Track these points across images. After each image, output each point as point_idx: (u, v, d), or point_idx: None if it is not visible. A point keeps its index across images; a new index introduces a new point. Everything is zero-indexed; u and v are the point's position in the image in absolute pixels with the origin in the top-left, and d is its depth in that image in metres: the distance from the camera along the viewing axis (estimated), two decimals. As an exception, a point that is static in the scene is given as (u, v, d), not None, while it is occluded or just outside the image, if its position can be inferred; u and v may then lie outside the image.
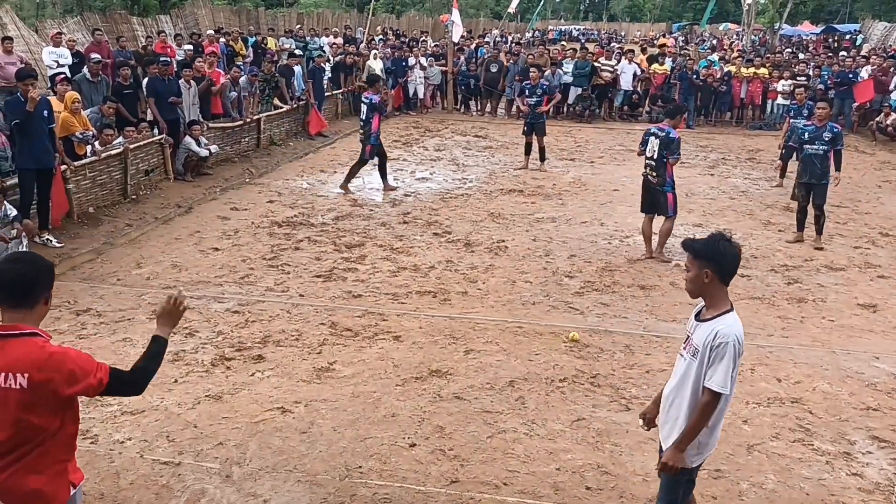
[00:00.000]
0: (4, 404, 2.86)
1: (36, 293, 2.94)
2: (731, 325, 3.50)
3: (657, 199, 9.19)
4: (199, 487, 4.62)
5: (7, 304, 2.92)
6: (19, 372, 2.84)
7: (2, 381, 2.85)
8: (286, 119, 16.03)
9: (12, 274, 2.90)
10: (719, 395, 3.48)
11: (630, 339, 6.92)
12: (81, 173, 10.05)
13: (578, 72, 19.86)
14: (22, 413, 2.86)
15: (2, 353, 2.87)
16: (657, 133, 9.02)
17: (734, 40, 38.34)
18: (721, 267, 3.53)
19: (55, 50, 14.47)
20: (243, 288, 7.91)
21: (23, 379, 2.84)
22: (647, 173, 9.19)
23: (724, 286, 3.58)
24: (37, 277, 2.95)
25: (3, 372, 2.85)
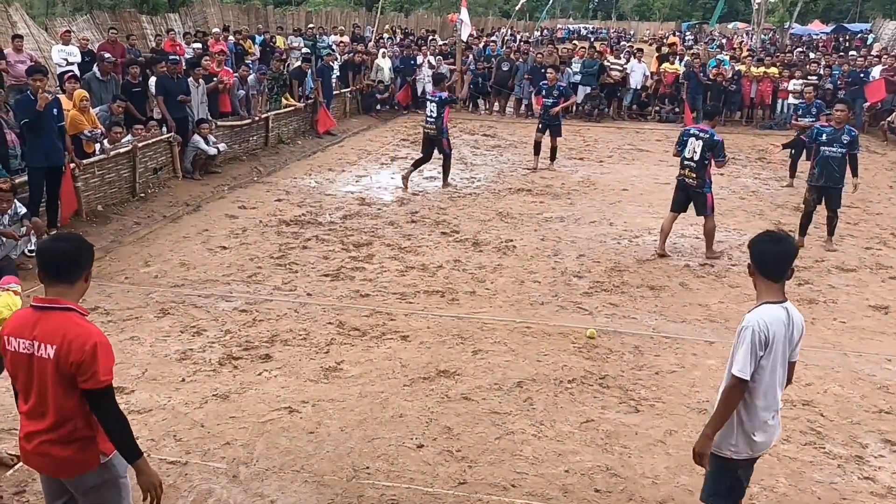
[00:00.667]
0: (40, 373, 3.12)
1: (77, 271, 3.19)
2: (756, 313, 3.57)
3: (695, 200, 9.08)
4: (205, 487, 4.61)
5: (50, 279, 3.15)
6: (49, 343, 3.08)
7: (35, 350, 3.11)
8: (294, 117, 16.02)
9: (57, 252, 3.16)
10: (742, 381, 3.52)
11: (639, 339, 6.88)
12: (90, 171, 10.06)
13: (586, 70, 19.81)
14: (52, 383, 3.10)
15: (40, 323, 3.12)
16: (699, 134, 8.88)
17: (744, 39, 38.17)
18: (756, 262, 3.65)
19: (64, 48, 14.51)
20: (251, 287, 7.90)
21: (51, 350, 3.08)
22: (685, 175, 9.02)
23: (767, 280, 3.64)
24: (79, 256, 3.21)
25: (38, 341, 3.10)
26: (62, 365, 3.07)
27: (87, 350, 3.06)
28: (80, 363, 3.06)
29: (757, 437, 3.68)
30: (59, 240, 3.25)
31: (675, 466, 4.97)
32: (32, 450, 3.24)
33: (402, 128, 18.30)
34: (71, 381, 3.10)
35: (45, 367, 3.10)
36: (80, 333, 3.09)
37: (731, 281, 8.45)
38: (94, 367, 3.07)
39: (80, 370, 3.06)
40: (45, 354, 3.09)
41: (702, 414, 5.63)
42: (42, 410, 3.17)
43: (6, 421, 5.26)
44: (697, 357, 6.58)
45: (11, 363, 3.21)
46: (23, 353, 3.15)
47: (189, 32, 20.09)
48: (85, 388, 3.11)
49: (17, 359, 3.18)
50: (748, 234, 10.17)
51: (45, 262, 3.16)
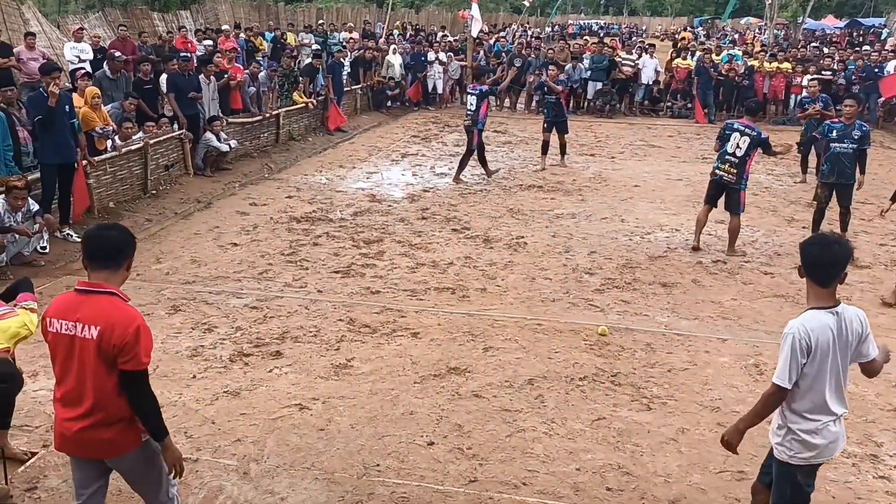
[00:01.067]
0: (82, 354, 3.25)
1: (122, 258, 3.37)
2: (800, 319, 3.55)
3: (729, 196, 8.99)
4: (216, 484, 4.61)
5: (96, 265, 3.34)
6: (93, 324, 3.22)
7: (79, 332, 3.24)
8: (305, 114, 16.02)
9: (104, 239, 3.35)
10: (780, 388, 3.51)
11: (651, 337, 6.84)
12: (102, 168, 10.09)
13: (596, 66, 19.73)
14: (93, 363, 3.24)
15: (84, 306, 3.27)
16: (744, 130, 8.76)
17: (756, 34, 37.92)
18: (806, 266, 3.59)
19: (77, 45, 14.55)
20: (262, 283, 7.90)
21: (94, 331, 3.22)
22: (724, 170, 8.88)
23: (815, 285, 3.58)
24: (124, 244, 3.39)
25: (81, 323, 3.24)
26: (105, 346, 3.21)
27: (130, 332, 3.21)
28: (122, 345, 3.20)
29: (815, 439, 3.60)
30: (106, 228, 3.43)
31: (687, 465, 4.94)
32: (74, 436, 3.34)
33: (413, 124, 18.28)
34: (112, 362, 3.24)
35: (87, 347, 3.24)
36: (124, 316, 3.25)
37: (745, 278, 8.39)
38: (137, 349, 3.22)
39: (123, 352, 3.21)
40: (89, 335, 3.23)
41: (715, 412, 5.59)
42: (80, 394, 3.29)
43: (18, 417, 5.27)
44: (710, 354, 6.53)
45: (53, 344, 3.35)
46: (65, 334, 3.27)
47: (200, 29, 20.12)
48: (125, 370, 3.24)
49: (58, 340, 3.31)
50: (761, 230, 10.12)
51: (92, 249, 3.34)
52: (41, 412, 5.35)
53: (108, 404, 3.30)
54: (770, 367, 6.27)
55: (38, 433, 5.10)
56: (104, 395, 3.28)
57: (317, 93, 16.44)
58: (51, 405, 5.41)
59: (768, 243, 9.65)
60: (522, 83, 20.37)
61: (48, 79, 8.67)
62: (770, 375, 6.09)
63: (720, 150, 9.00)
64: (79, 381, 3.29)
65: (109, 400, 3.29)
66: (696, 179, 12.98)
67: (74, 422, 3.32)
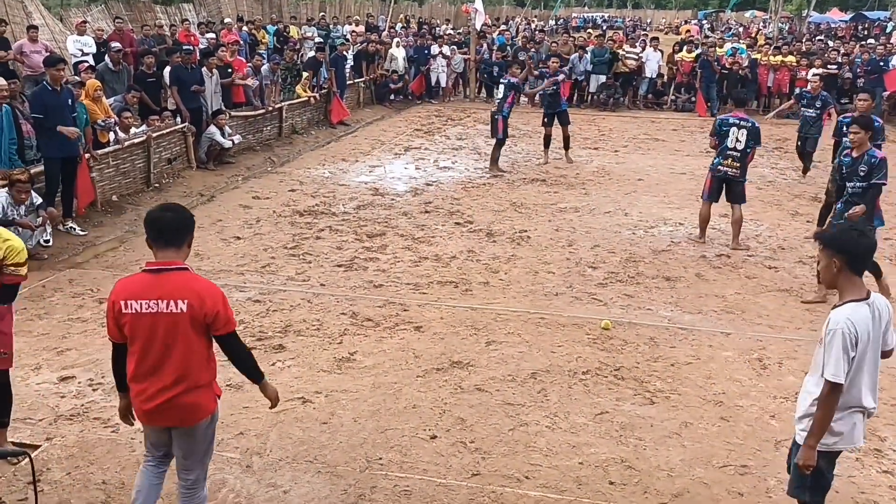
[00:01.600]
0: (168, 328, 3.47)
1: (183, 237, 3.59)
2: (844, 313, 3.51)
3: (734, 190, 9.01)
4: (219, 477, 4.61)
5: (161, 245, 3.55)
6: (180, 298, 3.45)
7: (165, 307, 3.45)
8: (308, 108, 16.00)
9: (165, 221, 3.57)
10: (837, 386, 3.48)
11: (654, 331, 6.82)
12: (105, 161, 10.09)
13: (597, 59, 19.66)
14: (186, 334, 3.49)
15: (162, 284, 3.48)
16: (741, 123, 8.80)
17: (760, 27, 37.77)
18: (851, 257, 3.55)
19: (79, 38, 14.53)
20: (265, 277, 7.90)
21: (183, 304, 3.46)
22: (728, 165, 8.88)
23: (855, 276, 3.58)
24: (185, 224, 3.61)
25: (165, 299, 3.45)
26: (197, 316, 3.48)
27: (218, 301, 3.52)
28: (215, 313, 3.50)
29: (838, 426, 3.63)
30: (165, 210, 3.65)
31: (690, 459, 4.93)
32: (156, 407, 3.56)
33: (416, 117, 18.24)
34: (204, 329, 3.53)
35: (176, 320, 3.47)
36: (207, 287, 3.55)
37: (748, 272, 8.37)
38: (227, 314, 3.56)
39: (216, 320, 3.52)
40: (178, 309, 3.45)
41: (718, 406, 5.58)
42: (164, 366, 3.51)
43: (21, 410, 5.28)
44: (713, 349, 6.52)
45: (130, 326, 3.50)
46: (146, 313, 3.46)
47: (203, 22, 20.09)
48: (219, 334, 3.58)
49: (137, 320, 3.48)
50: (765, 224, 10.09)
51: (154, 231, 3.57)
52: (44, 405, 5.36)
53: (193, 371, 3.55)
54: (774, 362, 6.27)
55: (42, 426, 5.11)
56: (191, 363, 3.54)
57: (320, 86, 16.41)
58: (54, 397, 5.45)
59: (772, 237, 9.62)
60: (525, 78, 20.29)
61: (53, 70, 8.65)
62: (774, 370, 6.12)
63: (718, 146, 8.99)
64: (162, 353, 3.50)
65: (195, 367, 3.56)
66: (700, 173, 12.90)
67: (159, 393, 3.54)
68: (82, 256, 8.44)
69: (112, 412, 5.28)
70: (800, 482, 3.81)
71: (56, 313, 6.91)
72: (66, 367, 5.91)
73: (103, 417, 5.22)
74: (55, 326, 6.63)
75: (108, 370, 5.81)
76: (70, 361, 5.99)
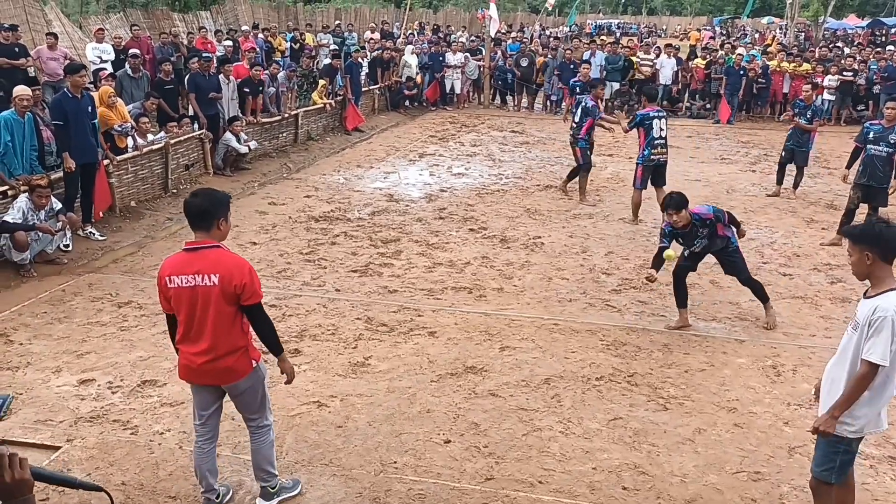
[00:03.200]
0: (204, 300, 3.89)
1: (210, 219, 3.96)
2: (891, 301, 3.67)
3: (663, 174, 10.27)
4: (236, 479, 4.67)
5: (194, 227, 4.01)
6: (213, 272, 3.88)
7: (200, 281, 3.88)
8: (323, 114, 16.11)
9: (192, 206, 3.97)
10: (876, 368, 3.67)
11: (668, 337, 6.83)
12: (123, 168, 10.22)
13: (611, 66, 19.66)
14: (218, 305, 3.89)
15: (198, 260, 3.91)
16: (661, 115, 10.05)
17: (776, 34, 37.61)
18: (882, 248, 3.74)
19: (98, 46, 14.74)
20: (280, 282, 7.97)
21: (215, 278, 3.87)
22: (659, 153, 10.10)
23: (888, 266, 3.78)
24: (209, 207, 3.96)
25: (201, 274, 3.88)
26: (227, 288, 3.88)
27: (245, 274, 3.91)
28: (243, 285, 3.89)
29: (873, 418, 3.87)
30: (194, 196, 4.03)
31: (703, 465, 4.94)
32: (198, 367, 4.03)
33: (431, 124, 18.32)
34: (234, 300, 3.91)
35: (209, 292, 3.88)
36: (236, 262, 3.96)
37: (763, 279, 8.32)
38: (254, 286, 3.94)
39: (244, 290, 3.90)
40: (210, 282, 3.88)
41: (732, 413, 5.59)
42: (201, 333, 3.95)
43: (42, 412, 5.37)
44: (727, 356, 6.52)
45: (174, 299, 3.96)
46: (185, 287, 3.90)
47: (220, 30, 20.28)
48: (246, 305, 3.95)
49: (179, 293, 3.93)
50: (780, 231, 10.07)
51: (187, 215, 4.02)
52: (64, 407, 5.43)
53: (226, 338, 3.96)
54: (787, 369, 6.27)
55: (62, 428, 5.18)
56: (223, 331, 3.94)
57: (335, 93, 16.52)
58: (73, 400, 5.54)
59: (787, 244, 9.60)
60: (539, 84, 20.35)
61: (75, 77, 8.76)
62: (787, 377, 6.12)
63: (646, 137, 9.95)
64: (200, 322, 3.94)
65: (227, 334, 3.96)
66: (716, 180, 12.94)
67: (198, 356, 4.00)
68: (101, 261, 8.55)
69: (130, 414, 5.37)
70: (829, 465, 3.96)
71: (76, 317, 7.00)
72: (85, 370, 5.99)
73: (122, 420, 5.30)
74: (75, 330, 6.73)
75: (128, 374, 5.94)
76: (90, 364, 6.08)
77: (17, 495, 1.93)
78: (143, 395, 5.64)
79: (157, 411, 5.43)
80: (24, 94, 8.50)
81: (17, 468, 1.91)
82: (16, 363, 6.07)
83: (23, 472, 1.92)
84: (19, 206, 7.95)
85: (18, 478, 1.91)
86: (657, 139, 9.86)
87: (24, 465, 1.93)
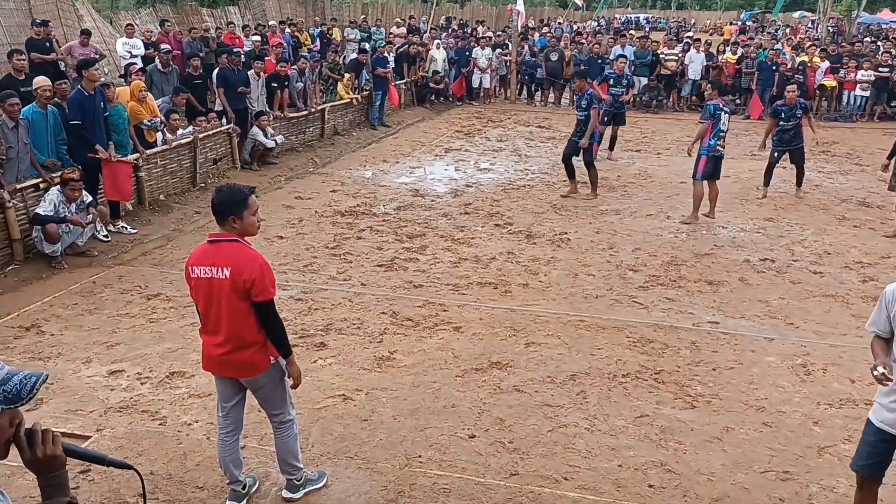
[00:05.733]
0: (218, 292, 3.92)
1: (225, 214, 3.95)
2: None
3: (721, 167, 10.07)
4: (262, 471, 4.70)
5: (216, 220, 4.02)
6: (225, 266, 3.89)
7: (215, 273, 3.90)
8: (350, 109, 16.16)
9: (214, 201, 4.00)
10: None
11: (696, 335, 6.77)
12: (153, 162, 10.33)
13: (639, 61, 19.51)
14: (231, 298, 3.90)
15: (216, 252, 3.94)
16: (727, 109, 10.04)
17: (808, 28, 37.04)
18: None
19: (128, 41, 14.88)
20: (306, 276, 8.01)
21: (227, 271, 3.88)
22: (722, 146, 9.90)
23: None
24: (219, 204, 3.96)
25: (216, 266, 3.91)
26: (237, 283, 3.86)
27: (256, 269, 3.88)
28: (252, 280, 3.86)
29: None
30: (217, 191, 4.04)
31: (731, 464, 4.88)
32: (217, 359, 4.05)
33: (457, 119, 18.30)
34: (245, 295, 3.89)
35: (222, 285, 3.89)
36: (249, 257, 3.92)
37: (793, 277, 8.25)
38: (264, 282, 3.90)
39: (254, 286, 3.87)
40: (223, 275, 3.89)
41: (760, 412, 5.52)
42: (218, 325, 3.97)
43: (72, 402, 5.45)
44: (756, 354, 6.44)
45: (195, 289, 4.01)
46: (203, 277, 3.94)
47: (248, 25, 20.40)
48: (256, 301, 3.90)
49: (199, 283, 3.97)
50: (811, 228, 9.93)
51: (211, 208, 4.07)
52: (94, 397, 5.51)
53: (241, 332, 3.96)
54: (818, 368, 6.18)
55: (92, 417, 5.25)
56: (238, 325, 3.94)
57: (361, 88, 16.55)
58: (104, 390, 5.61)
59: (818, 242, 9.46)
60: (566, 78, 20.24)
61: (91, 71, 8.77)
62: (818, 376, 6.05)
63: (714, 129, 9.71)
64: (217, 314, 3.96)
65: (242, 328, 3.95)
66: (745, 176, 12.78)
67: (216, 348, 4.02)
68: (131, 254, 8.65)
69: (159, 405, 5.43)
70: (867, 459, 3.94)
71: (106, 309, 7.10)
72: (115, 360, 6.07)
73: (151, 410, 5.36)
74: (105, 321, 6.81)
75: (156, 365, 6.00)
76: (119, 355, 6.16)
77: (50, 471, 1.98)
78: (171, 386, 5.70)
79: (185, 402, 5.48)
80: (45, 84, 8.58)
81: (49, 444, 1.96)
82: (47, 353, 6.17)
83: (55, 447, 1.97)
84: (51, 198, 8.06)
85: (51, 454, 1.96)
86: (723, 132, 9.79)
87: (57, 441, 1.99)
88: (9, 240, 8.02)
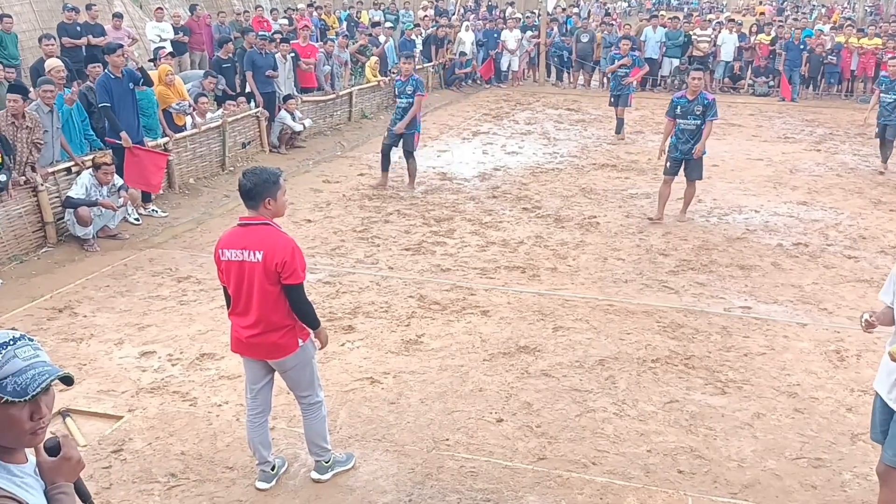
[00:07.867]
0: (249, 275, 3.96)
1: (257, 198, 3.97)
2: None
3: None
4: (291, 452, 4.74)
5: (245, 204, 4.05)
6: (258, 248, 3.92)
7: (247, 256, 3.94)
8: (377, 92, 16.13)
9: (240, 185, 4.01)
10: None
11: (727, 320, 6.68)
12: (182, 145, 10.40)
13: (671, 42, 19.21)
14: (262, 281, 3.94)
15: (248, 235, 3.98)
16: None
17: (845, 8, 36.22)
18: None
19: (158, 25, 14.97)
20: (334, 259, 8.03)
21: (259, 254, 3.92)
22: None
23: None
24: (255, 187, 3.96)
25: (248, 249, 3.94)
26: (269, 265, 3.91)
27: (287, 252, 3.92)
28: (283, 263, 3.90)
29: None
30: (244, 175, 4.04)
31: (762, 450, 4.83)
32: (246, 340, 4.10)
33: (485, 102, 18.19)
34: (276, 278, 3.93)
35: (253, 269, 3.94)
36: (281, 240, 3.96)
37: (826, 262, 8.10)
38: (294, 265, 3.94)
39: (285, 269, 3.91)
40: (255, 259, 3.93)
41: (792, 398, 5.45)
42: (248, 307, 4.02)
43: (104, 382, 5.53)
44: (788, 339, 6.35)
45: (225, 271, 4.05)
46: (234, 260, 3.98)
47: (276, 8, 20.42)
48: (287, 284, 3.95)
49: (229, 266, 4.01)
50: (846, 212, 9.74)
51: (239, 193, 4.07)
52: (126, 378, 5.58)
53: (271, 314, 4.00)
54: (851, 354, 6.08)
55: (124, 398, 5.32)
56: (268, 307, 3.98)
57: (389, 71, 16.50)
58: (136, 371, 5.69)
59: (853, 226, 9.28)
60: (596, 60, 20.00)
61: (114, 57, 8.72)
62: (851, 362, 5.97)
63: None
64: (247, 297, 4.01)
65: (272, 310, 3.99)
66: (778, 160, 12.57)
67: (246, 330, 4.06)
68: (161, 237, 8.74)
69: (189, 386, 5.49)
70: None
71: (137, 291, 7.18)
72: (146, 342, 6.14)
73: (182, 391, 5.42)
74: (136, 304, 6.89)
75: (187, 347, 6.06)
76: (150, 337, 6.23)
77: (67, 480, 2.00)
78: (201, 367, 5.76)
79: (215, 384, 5.54)
80: (56, 65, 8.65)
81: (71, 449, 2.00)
82: (80, 335, 6.26)
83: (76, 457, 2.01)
84: (83, 182, 8.16)
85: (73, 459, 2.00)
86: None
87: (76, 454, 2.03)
88: (42, 223, 8.14)
